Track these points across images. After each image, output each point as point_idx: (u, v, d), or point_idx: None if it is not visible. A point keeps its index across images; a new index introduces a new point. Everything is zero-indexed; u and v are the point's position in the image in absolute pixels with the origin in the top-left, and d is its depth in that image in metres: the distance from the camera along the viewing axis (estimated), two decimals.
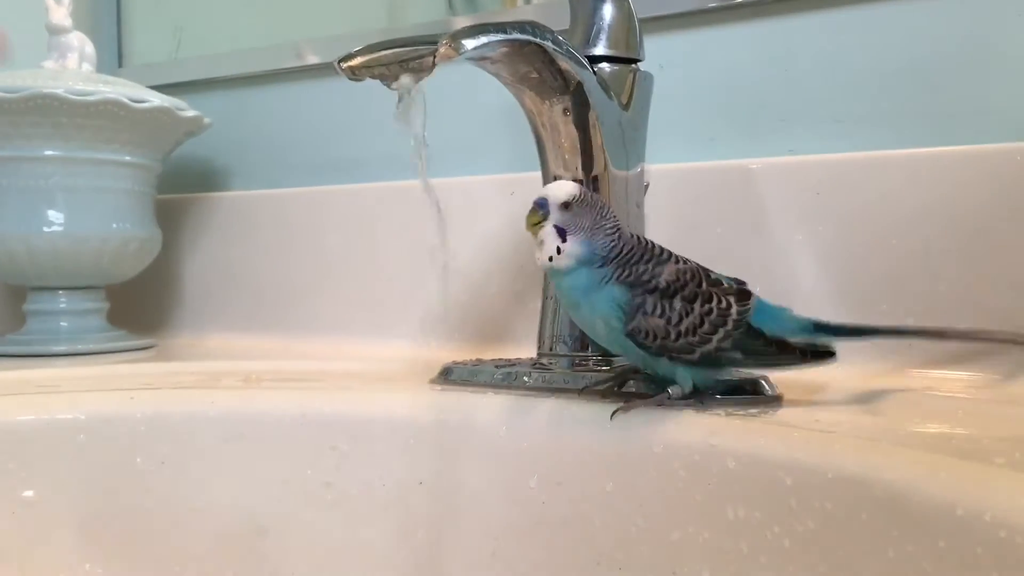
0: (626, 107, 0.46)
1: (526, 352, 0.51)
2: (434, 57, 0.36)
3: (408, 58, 0.37)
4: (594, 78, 0.43)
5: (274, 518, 0.43)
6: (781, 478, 0.31)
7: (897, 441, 0.32)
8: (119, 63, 0.83)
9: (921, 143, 0.50)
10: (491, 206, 0.61)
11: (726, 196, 0.53)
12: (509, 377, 0.44)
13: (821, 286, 0.50)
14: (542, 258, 0.38)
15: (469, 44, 0.36)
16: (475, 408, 0.42)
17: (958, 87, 0.50)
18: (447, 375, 0.46)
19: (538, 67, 0.41)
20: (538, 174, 0.47)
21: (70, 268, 0.64)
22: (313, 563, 0.43)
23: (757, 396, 0.39)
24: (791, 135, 0.55)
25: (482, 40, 0.37)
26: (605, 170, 0.45)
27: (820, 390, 0.41)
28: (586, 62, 0.42)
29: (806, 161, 0.52)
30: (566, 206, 0.37)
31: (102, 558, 0.43)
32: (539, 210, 0.38)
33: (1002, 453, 0.30)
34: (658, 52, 0.54)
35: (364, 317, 0.66)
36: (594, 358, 0.45)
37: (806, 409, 0.38)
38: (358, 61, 0.38)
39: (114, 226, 0.65)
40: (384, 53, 0.37)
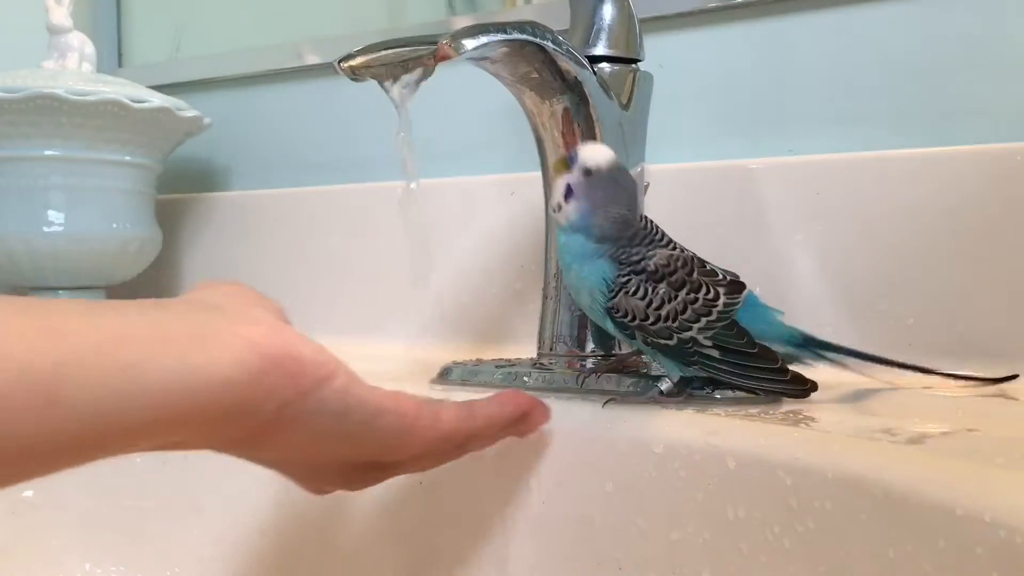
0: (626, 107, 0.46)
1: (526, 352, 0.51)
2: (434, 57, 0.36)
3: (408, 58, 0.37)
4: (594, 78, 0.43)
5: (274, 518, 0.43)
6: (781, 478, 0.31)
7: (897, 441, 0.32)
8: (119, 63, 0.83)
9: (921, 143, 0.50)
10: (491, 206, 0.61)
11: (726, 196, 0.53)
12: (509, 377, 0.44)
13: (821, 286, 0.50)
14: (551, 203, 0.39)
15: (469, 44, 0.36)
16: None
17: (958, 87, 0.50)
18: (447, 375, 0.46)
19: (538, 67, 0.41)
20: (538, 174, 0.47)
21: (70, 268, 0.64)
22: (313, 563, 0.43)
23: (757, 396, 0.39)
24: (791, 135, 0.55)
25: (482, 40, 0.37)
26: None
27: (820, 390, 0.41)
28: (586, 62, 0.42)
29: (806, 161, 0.52)
30: (587, 172, 0.38)
31: (102, 558, 0.43)
32: (569, 162, 0.39)
33: (1002, 453, 0.30)
34: (658, 52, 0.54)
35: (364, 317, 0.66)
36: (594, 358, 0.45)
37: (806, 409, 0.38)
38: (358, 61, 0.38)
39: (114, 226, 0.65)
40: (384, 53, 0.37)
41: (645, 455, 0.36)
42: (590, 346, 0.46)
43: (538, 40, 0.39)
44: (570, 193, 0.38)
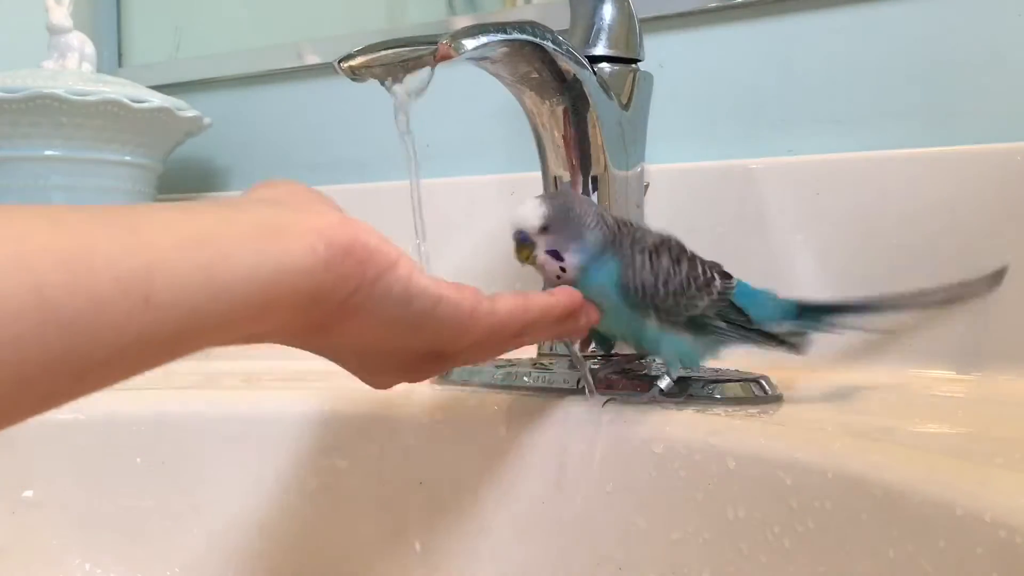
0: (626, 107, 0.46)
1: (526, 352, 0.51)
2: (434, 57, 0.36)
3: (408, 58, 0.37)
4: (594, 78, 0.43)
5: (274, 518, 0.43)
6: (781, 478, 0.31)
7: (897, 441, 0.32)
8: (119, 63, 0.83)
9: (921, 143, 0.50)
10: (491, 206, 0.60)
11: (726, 196, 0.53)
12: (509, 377, 0.44)
13: (821, 286, 0.50)
14: (553, 279, 0.37)
15: (469, 44, 0.36)
16: (475, 408, 0.42)
17: (958, 87, 0.50)
18: (447, 375, 0.46)
19: (538, 67, 0.41)
20: (538, 174, 0.47)
21: None
22: (312, 563, 0.43)
23: (757, 396, 0.39)
24: (791, 135, 0.55)
25: (482, 40, 0.37)
26: (605, 170, 0.45)
27: (820, 390, 0.41)
28: (586, 62, 0.42)
29: (806, 161, 0.52)
30: (544, 229, 0.37)
31: (102, 558, 0.43)
32: (524, 244, 0.37)
33: (1002, 453, 0.30)
34: (658, 52, 0.54)
35: None
36: (594, 358, 0.45)
37: (806, 409, 0.38)
38: (358, 61, 0.38)
39: None
40: (384, 53, 0.37)
41: (645, 455, 0.36)
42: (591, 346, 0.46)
43: (538, 40, 0.39)
44: (556, 254, 0.37)
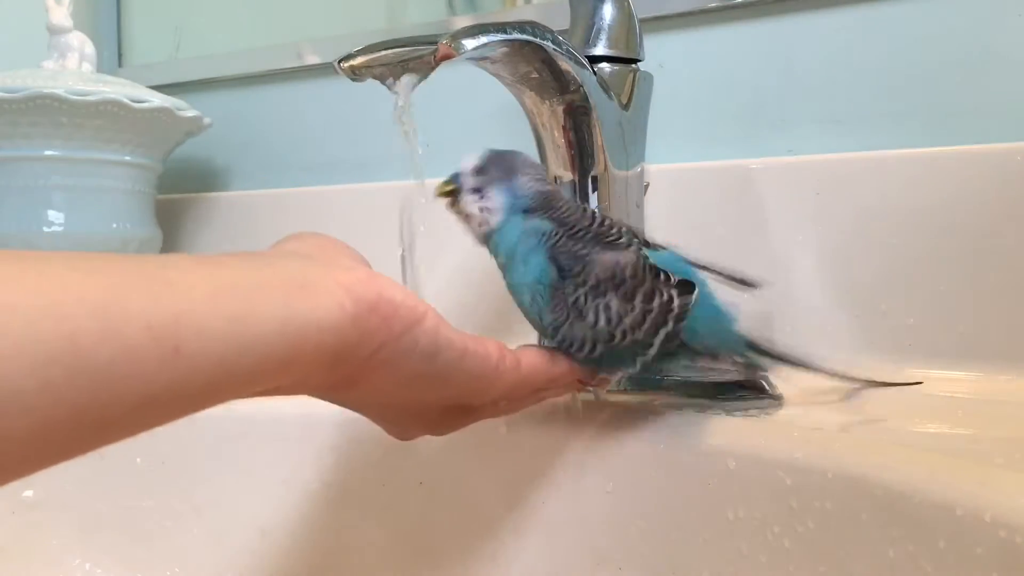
0: (626, 107, 0.46)
1: None
2: (434, 57, 0.36)
3: (408, 58, 0.37)
4: (594, 78, 0.43)
5: (274, 518, 0.43)
6: (781, 478, 0.31)
7: (897, 441, 0.32)
8: (119, 63, 0.83)
9: (921, 143, 0.50)
10: None
11: (726, 196, 0.53)
12: None
13: (820, 286, 0.50)
14: (478, 232, 0.35)
15: (469, 44, 0.36)
16: None
17: (958, 87, 0.50)
18: None
19: (538, 67, 0.41)
20: None
21: None
22: (313, 563, 0.43)
23: (757, 396, 0.39)
24: (791, 135, 0.55)
25: (482, 40, 0.37)
26: (605, 170, 0.45)
27: (820, 390, 0.41)
28: (586, 62, 0.42)
29: (806, 161, 0.52)
30: (479, 170, 0.35)
31: (102, 558, 0.43)
32: (451, 181, 0.35)
33: (1002, 453, 0.30)
34: (658, 52, 0.54)
35: None
36: None
37: (806, 409, 0.38)
38: (358, 61, 0.38)
39: (114, 226, 0.65)
40: (384, 53, 0.37)
41: (645, 455, 0.36)
42: None
43: (538, 40, 0.39)
44: (479, 192, 0.34)
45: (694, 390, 0.40)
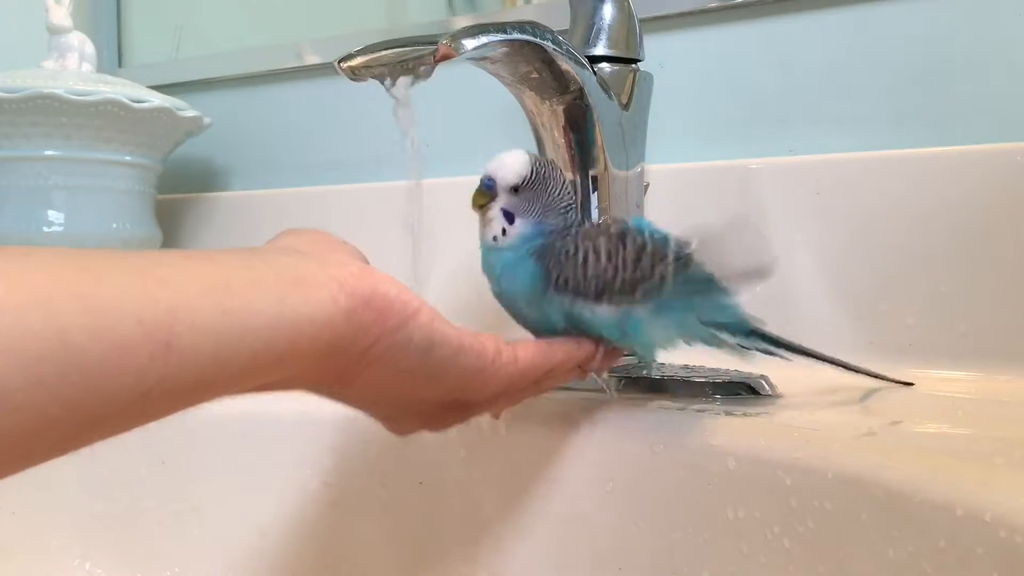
0: (626, 107, 0.46)
1: None
2: (434, 57, 0.36)
3: (408, 58, 0.37)
4: (594, 78, 0.43)
5: (274, 518, 0.43)
6: (781, 478, 0.31)
7: (897, 441, 0.32)
8: (119, 63, 0.83)
9: (921, 143, 0.50)
10: None
11: (726, 196, 0.53)
12: None
13: (821, 286, 0.50)
14: (486, 237, 0.36)
15: (469, 44, 0.36)
16: None
17: (958, 87, 0.50)
18: None
19: (538, 67, 0.41)
20: None
21: None
22: (312, 563, 0.43)
23: (757, 396, 0.39)
24: (791, 135, 0.55)
25: (482, 40, 0.37)
26: (605, 170, 0.45)
27: (820, 390, 0.41)
28: (586, 62, 0.42)
29: (806, 161, 0.52)
30: (515, 190, 0.35)
31: (102, 558, 0.43)
32: (486, 192, 0.35)
33: (1002, 453, 0.30)
34: (658, 52, 0.54)
35: None
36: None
37: (806, 409, 0.38)
38: (358, 61, 0.38)
39: (114, 226, 0.65)
40: (384, 53, 0.37)
41: (645, 455, 0.36)
42: None
43: (538, 40, 0.39)
44: (510, 216, 0.35)
45: (694, 390, 0.40)
